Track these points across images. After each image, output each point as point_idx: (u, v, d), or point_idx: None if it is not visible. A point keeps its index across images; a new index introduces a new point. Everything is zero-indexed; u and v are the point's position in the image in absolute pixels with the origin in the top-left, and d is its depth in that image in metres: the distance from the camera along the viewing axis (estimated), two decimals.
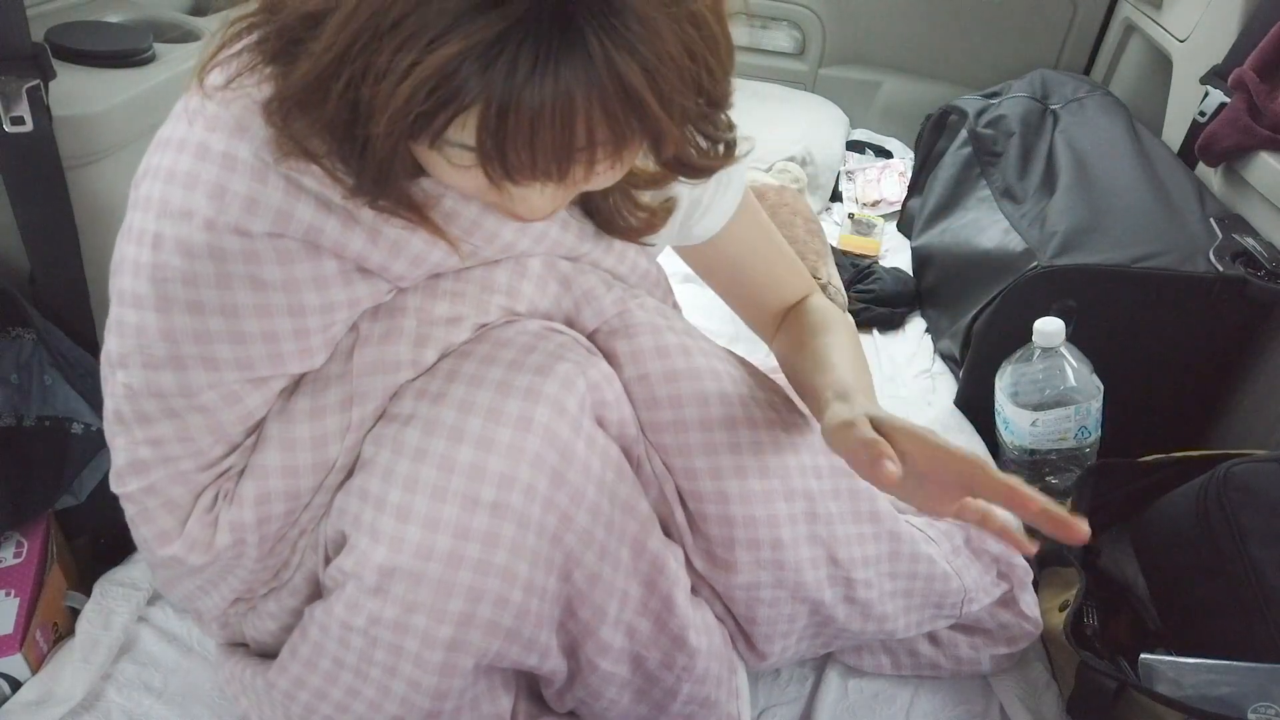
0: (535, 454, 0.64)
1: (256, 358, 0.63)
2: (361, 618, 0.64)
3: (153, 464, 0.66)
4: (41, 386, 0.95)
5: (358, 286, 0.65)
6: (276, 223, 0.59)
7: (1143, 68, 1.78)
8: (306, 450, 0.66)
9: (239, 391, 0.65)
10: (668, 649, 0.74)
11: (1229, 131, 1.29)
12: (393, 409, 0.67)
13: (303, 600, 0.73)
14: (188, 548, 0.68)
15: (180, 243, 0.59)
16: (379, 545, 0.63)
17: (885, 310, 1.58)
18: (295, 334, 0.63)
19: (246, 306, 0.61)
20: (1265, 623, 0.85)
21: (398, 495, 0.63)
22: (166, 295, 0.60)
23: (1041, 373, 1.13)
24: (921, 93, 2.11)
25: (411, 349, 0.66)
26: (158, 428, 0.65)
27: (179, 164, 0.59)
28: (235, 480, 0.68)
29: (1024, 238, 1.28)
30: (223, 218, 0.58)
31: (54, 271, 0.98)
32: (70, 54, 1.02)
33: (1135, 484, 1.05)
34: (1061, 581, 0.99)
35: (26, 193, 0.93)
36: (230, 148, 0.58)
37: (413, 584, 0.63)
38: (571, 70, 0.46)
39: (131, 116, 1.01)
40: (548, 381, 0.65)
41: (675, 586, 0.73)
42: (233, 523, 0.67)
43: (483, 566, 0.63)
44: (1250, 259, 1.16)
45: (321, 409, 0.66)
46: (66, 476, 0.95)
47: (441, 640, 0.64)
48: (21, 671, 0.87)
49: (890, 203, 1.91)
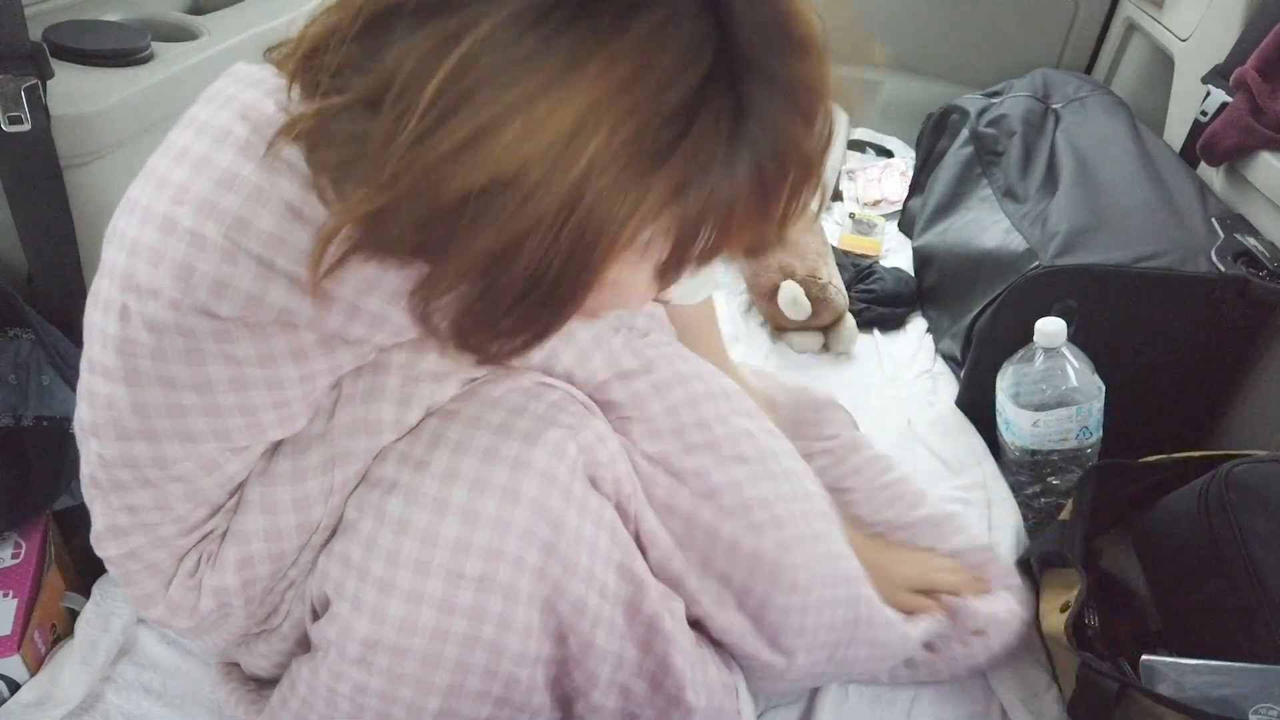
0: (524, 528, 0.62)
1: (234, 429, 0.60)
2: (346, 685, 0.63)
3: (131, 530, 0.64)
4: (39, 386, 0.94)
5: (339, 354, 0.62)
6: (247, 306, 0.54)
7: (1144, 67, 1.78)
8: (289, 513, 0.64)
9: (218, 459, 0.62)
10: (663, 708, 0.73)
11: (1231, 131, 1.29)
12: (375, 472, 0.64)
13: (292, 645, 0.71)
14: (171, 612, 0.66)
15: (146, 319, 0.55)
16: (361, 617, 0.61)
17: (886, 310, 1.57)
18: (274, 405, 0.60)
19: (220, 381, 0.57)
20: (1267, 624, 0.84)
21: (380, 567, 0.61)
22: (135, 369, 0.56)
23: (1043, 373, 1.13)
24: (923, 92, 2.10)
25: (395, 409, 0.64)
26: (134, 495, 0.62)
27: (143, 236, 0.55)
28: (218, 543, 0.66)
29: (1025, 237, 1.28)
30: (188, 300, 0.53)
31: (52, 271, 0.97)
32: (68, 53, 1.02)
33: (1136, 484, 1.05)
34: (1062, 582, 0.99)
35: (24, 192, 0.93)
36: (198, 225, 0.53)
37: (397, 658, 0.61)
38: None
39: (130, 116, 1.01)
40: (536, 450, 0.63)
41: (671, 647, 0.71)
42: (216, 588, 0.65)
43: (469, 641, 0.62)
44: (1252, 259, 1.16)
45: (303, 471, 0.64)
46: (65, 477, 0.95)
47: (429, 710, 0.63)
48: (20, 673, 0.87)
49: (891, 202, 1.90)
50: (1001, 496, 1.17)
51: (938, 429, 1.31)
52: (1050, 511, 1.15)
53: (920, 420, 1.33)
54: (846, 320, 1.49)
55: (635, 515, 0.71)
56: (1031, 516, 1.17)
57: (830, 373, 1.45)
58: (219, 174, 0.54)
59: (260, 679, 0.76)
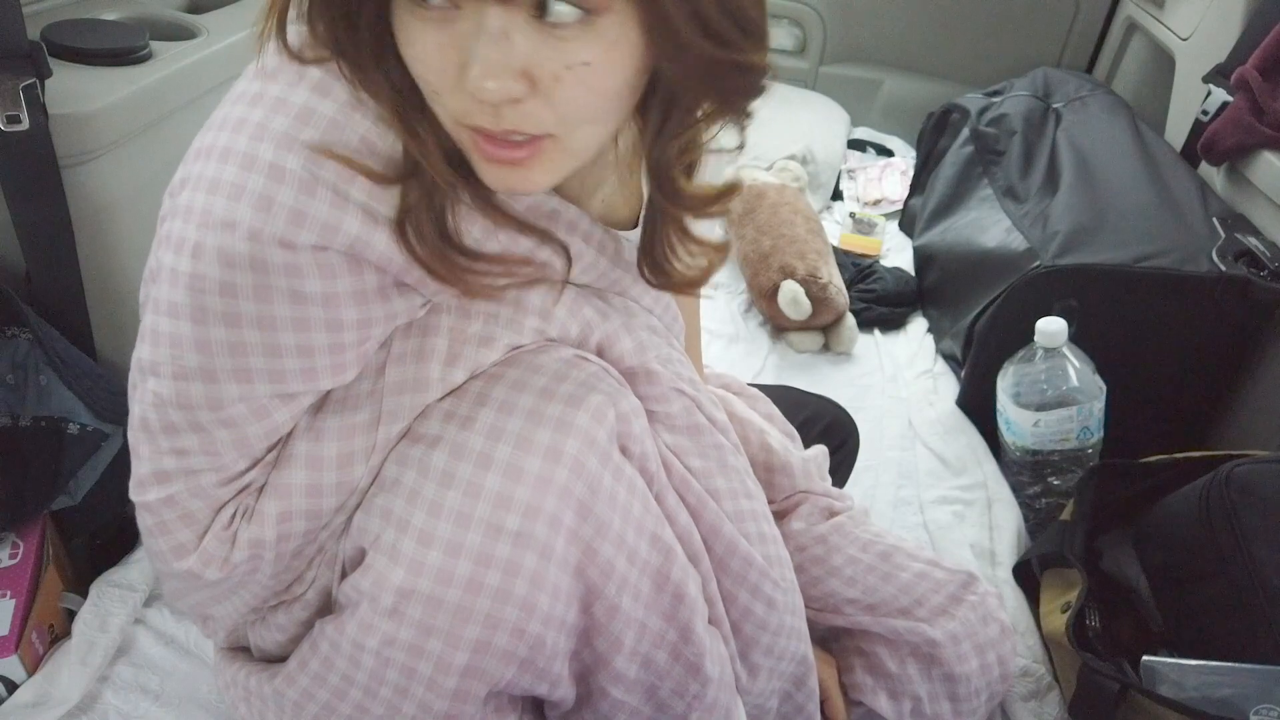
0: (563, 486, 0.63)
1: (289, 372, 0.62)
2: (375, 639, 0.63)
3: (175, 475, 0.65)
4: (37, 387, 0.94)
5: (395, 302, 0.64)
6: (323, 235, 0.57)
7: (1145, 66, 1.78)
8: (333, 469, 0.66)
9: (268, 406, 0.64)
10: (681, 677, 0.73)
11: (1232, 130, 1.28)
12: (418, 428, 0.66)
13: (313, 613, 0.72)
14: (204, 563, 0.67)
15: (222, 253, 0.57)
16: (398, 567, 0.62)
17: (887, 310, 1.57)
18: (330, 349, 0.62)
19: (284, 319, 0.59)
20: (1268, 624, 0.84)
21: (421, 518, 0.62)
22: (203, 306, 0.59)
23: (1044, 373, 1.12)
24: (923, 91, 2.10)
25: (442, 368, 0.65)
26: (183, 439, 0.64)
27: (223, 174, 0.57)
28: (255, 497, 0.67)
29: (1026, 237, 1.28)
30: (268, 229, 0.56)
31: (50, 271, 0.97)
32: (66, 52, 1.02)
33: (1137, 484, 1.05)
34: (1064, 583, 0.98)
35: (22, 192, 0.93)
36: (278, 158, 0.56)
37: (430, 609, 0.62)
38: None
39: (128, 115, 1.00)
40: (579, 413, 0.64)
41: (694, 614, 0.73)
42: (252, 540, 0.66)
43: (502, 595, 0.63)
44: (1253, 259, 1.16)
45: (350, 428, 0.66)
46: (63, 477, 0.94)
47: (456, 666, 0.64)
48: (17, 673, 0.87)
49: (892, 201, 1.90)
50: (1002, 497, 1.17)
51: (938, 429, 1.31)
52: (1051, 512, 1.15)
53: (921, 420, 1.33)
54: (847, 320, 1.49)
55: (658, 495, 0.73)
56: (1032, 517, 1.17)
57: (830, 373, 1.45)
58: (296, 110, 0.57)
59: (266, 659, 0.76)
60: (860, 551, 0.93)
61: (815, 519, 0.95)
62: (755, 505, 0.81)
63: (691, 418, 0.77)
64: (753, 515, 0.80)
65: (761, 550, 0.79)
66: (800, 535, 0.94)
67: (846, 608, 0.93)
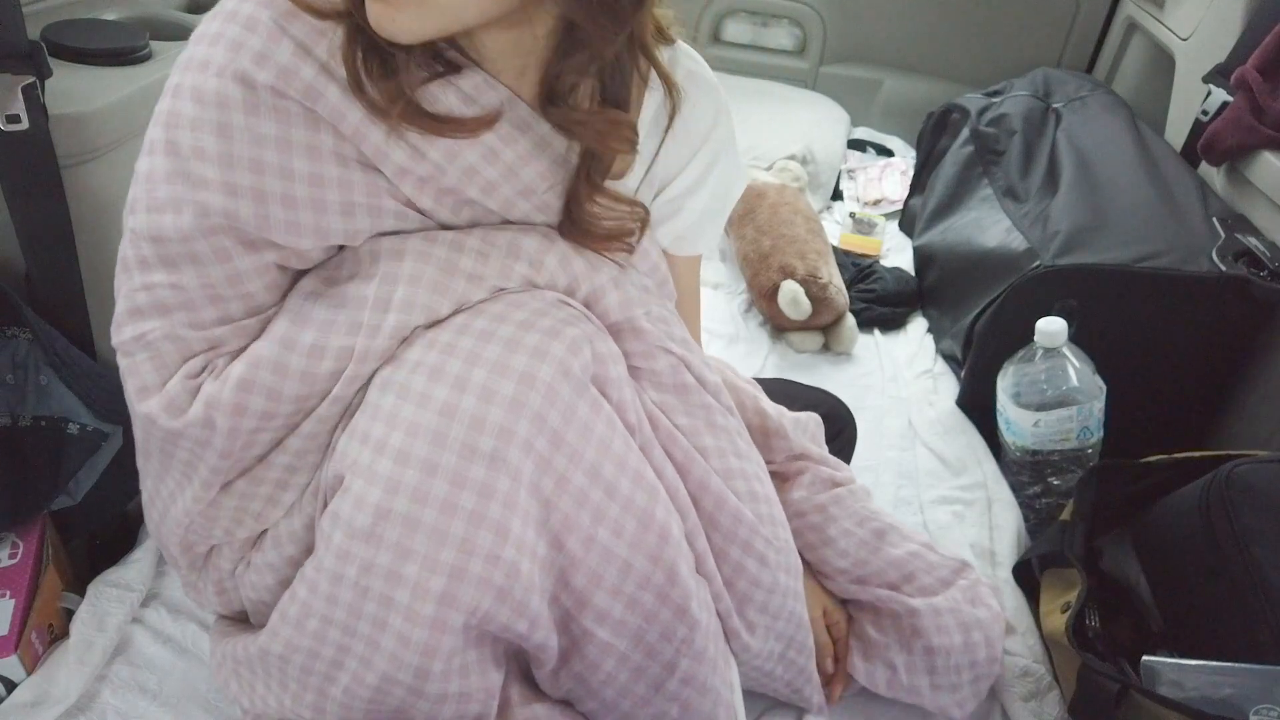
0: (535, 412, 0.65)
1: (244, 214, 0.66)
2: (353, 567, 0.64)
3: (147, 311, 0.70)
4: (37, 386, 0.94)
5: (353, 171, 0.68)
6: (280, 78, 0.64)
7: (1145, 66, 1.78)
8: (303, 355, 0.69)
9: (229, 249, 0.68)
10: (668, 621, 0.74)
11: (1232, 130, 1.28)
12: (401, 354, 0.68)
13: (301, 549, 0.73)
14: (163, 406, 0.70)
15: (194, 90, 0.65)
16: (374, 487, 0.64)
17: (887, 310, 1.57)
18: (283, 199, 0.66)
19: (241, 159, 0.65)
20: (1268, 624, 0.84)
21: (399, 439, 0.64)
22: (174, 141, 0.66)
23: (1044, 373, 1.12)
24: (923, 91, 2.10)
25: (430, 294, 0.69)
26: (154, 274, 0.69)
27: (209, 27, 0.66)
28: (226, 360, 0.71)
29: (1026, 237, 1.28)
30: (232, 65, 0.64)
31: (50, 270, 0.97)
32: (66, 52, 1.02)
33: (1137, 485, 1.04)
34: (1063, 583, 0.98)
35: (22, 191, 0.93)
36: (255, 12, 0.64)
37: (407, 530, 0.63)
38: None
39: (128, 114, 1.00)
40: (555, 343, 0.67)
41: (679, 556, 0.73)
42: (210, 397, 0.69)
43: (476, 518, 0.64)
44: (1253, 259, 1.16)
45: (332, 324, 0.69)
46: (62, 477, 0.94)
47: (433, 593, 0.64)
48: (16, 673, 0.87)
49: (892, 201, 1.90)
50: (1002, 497, 1.17)
51: (938, 429, 1.31)
52: (1051, 512, 1.15)
53: (921, 420, 1.33)
54: (847, 320, 1.49)
55: (642, 446, 0.74)
56: (1032, 517, 1.17)
57: (830, 373, 1.45)
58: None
59: (261, 624, 0.76)
60: (856, 525, 0.94)
61: (817, 488, 0.96)
62: (746, 465, 0.82)
63: (678, 376, 0.79)
64: (742, 474, 0.81)
65: (752, 508, 0.80)
66: (800, 503, 0.95)
67: (838, 576, 0.94)
